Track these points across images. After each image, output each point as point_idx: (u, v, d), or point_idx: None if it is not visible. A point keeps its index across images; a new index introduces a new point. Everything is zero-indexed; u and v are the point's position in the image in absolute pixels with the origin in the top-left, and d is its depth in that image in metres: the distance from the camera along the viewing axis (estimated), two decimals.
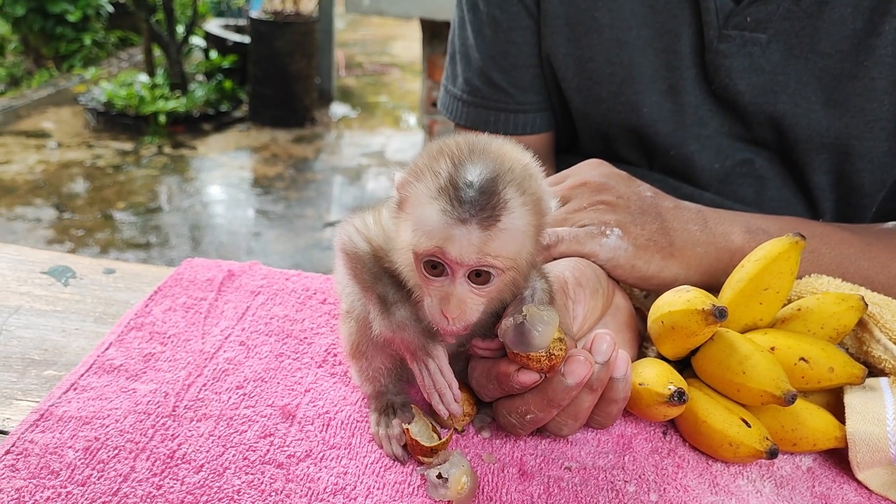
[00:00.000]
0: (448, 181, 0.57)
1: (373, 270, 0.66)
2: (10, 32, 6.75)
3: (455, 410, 0.66)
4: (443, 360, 0.66)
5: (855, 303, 0.74)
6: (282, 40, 5.78)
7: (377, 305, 0.66)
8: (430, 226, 0.57)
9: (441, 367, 0.66)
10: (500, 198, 0.57)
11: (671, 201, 0.87)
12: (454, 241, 0.57)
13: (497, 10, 1.10)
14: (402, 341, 0.66)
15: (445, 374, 0.66)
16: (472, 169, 0.58)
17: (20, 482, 0.63)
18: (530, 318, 0.62)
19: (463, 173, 0.57)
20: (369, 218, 0.68)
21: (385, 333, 0.66)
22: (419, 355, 0.66)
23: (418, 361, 0.67)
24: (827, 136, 0.98)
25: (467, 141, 0.61)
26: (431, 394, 0.66)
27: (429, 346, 0.66)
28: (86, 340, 0.84)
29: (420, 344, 0.66)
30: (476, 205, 0.56)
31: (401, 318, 0.65)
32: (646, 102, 1.04)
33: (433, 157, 0.60)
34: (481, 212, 0.56)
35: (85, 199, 4.56)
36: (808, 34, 0.95)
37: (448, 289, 0.60)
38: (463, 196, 0.56)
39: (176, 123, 5.64)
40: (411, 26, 7.65)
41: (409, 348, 0.66)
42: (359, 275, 0.67)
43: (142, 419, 0.71)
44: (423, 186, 0.58)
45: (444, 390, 0.66)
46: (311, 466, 0.67)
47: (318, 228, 4.38)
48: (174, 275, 0.96)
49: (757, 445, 0.68)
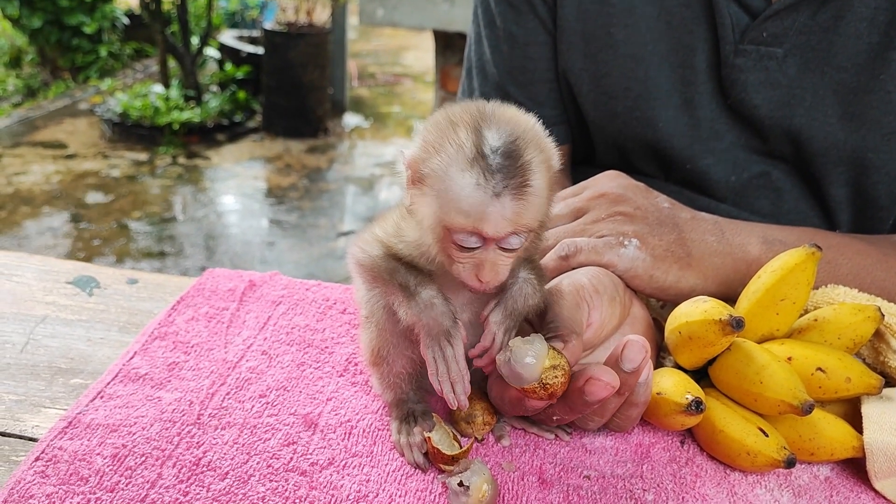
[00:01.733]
0: (474, 151, 0.58)
1: (388, 266, 0.67)
2: (27, 44, 6.83)
3: (463, 403, 0.66)
4: (459, 350, 0.66)
5: (872, 313, 0.75)
6: (295, 51, 5.82)
7: (400, 293, 0.66)
8: (464, 203, 0.58)
9: (457, 355, 0.65)
10: (525, 161, 0.58)
11: (688, 212, 0.88)
12: (490, 218, 0.58)
13: (513, 25, 1.11)
14: (427, 323, 0.65)
15: (460, 364, 0.65)
16: (494, 135, 0.59)
17: (50, 488, 0.65)
18: (515, 353, 0.63)
19: (488, 141, 0.58)
20: (376, 228, 0.70)
21: (411, 318, 0.66)
22: (440, 339, 0.65)
23: (436, 346, 0.65)
24: (843, 150, 0.98)
25: (476, 108, 0.61)
26: (444, 382, 0.65)
27: (452, 330, 0.65)
28: (111, 349, 0.86)
29: (444, 327, 0.65)
30: (507, 173, 0.58)
31: (427, 298, 0.65)
32: (661, 117, 1.04)
33: (447, 127, 0.60)
34: (512, 181, 0.58)
35: (100, 209, 4.60)
36: (825, 48, 0.96)
37: (481, 256, 0.61)
38: (493, 165, 0.57)
39: (190, 134, 5.68)
40: (424, 37, 7.69)
41: (432, 331, 0.65)
42: (376, 276, 0.68)
43: (167, 427, 0.72)
44: (447, 158, 0.59)
45: (458, 379, 0.65)
46: (334, 474, 0.68)
47: (331, 238, 4.40)
48: (196, 285, 0.97)
49: (774, 455, 0.68)
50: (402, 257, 0.67)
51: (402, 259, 0.67)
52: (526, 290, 0.67)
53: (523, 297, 0.67)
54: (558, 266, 0.80)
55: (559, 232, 0.84)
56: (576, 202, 0.87)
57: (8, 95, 6.50)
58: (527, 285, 0.67)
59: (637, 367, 0.65)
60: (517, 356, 0.63)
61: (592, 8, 1.05)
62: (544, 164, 0.60)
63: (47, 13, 6.39)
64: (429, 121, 0.63)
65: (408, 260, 0.67)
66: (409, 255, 0.66)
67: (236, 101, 6.15)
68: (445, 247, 0.62)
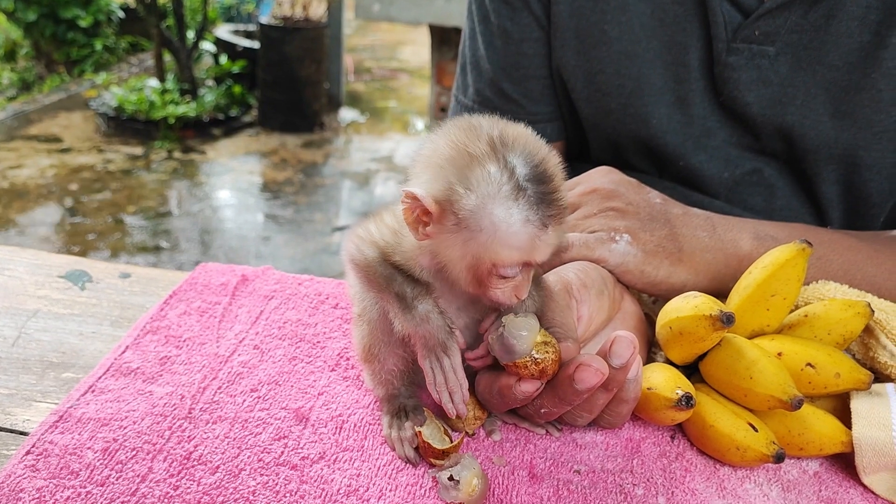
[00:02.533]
0: (512, 185, 0.58)
1: (385, 273, 0.67)
2: (22, 38, 6.81)
3: (462, 411, 0.67)
4: (457, 360, 0.67)
5: (861, 309, 0.75)
6: (291, 46, 5.81)
7: (396, 304, 0.67)
8: (515, 239, 0.59)
9: (455, 365, 0.67)
10: (556, 182, 0.60)
11: (680, 208, 0.88)
12: (541, 249, 0.60)
13: (508, 21, 1.11)
14: (423, 336, 0.66)
15: (458, 374, 0.67)
16: (521, 162, 0.59)
17: (41, 482, 0.65)
18: (509, 327, 0.64)
19: (518, 170, 0.58)
20: (371, 226, 0.69)
21: (407, 329, 0.67)
22: (437, 351, 0.67)
23: (434, 357, 0.67)
24: (835, 147, 0.98)
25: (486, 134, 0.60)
26: (442, 392, 0.67)
27: (448, 343, 0.66)
28: (103, 344, 0.86)
29: (440, 339, 0.66)
30: (547, 201, 0.59)
31: (423, 312, 0.66)
32: (654, 114, 1.05)
33: (471, 162, 0.59)
34: (553, 208, 0.59)
35: (96, 203, 4.59)
36: (816, 47, 0.96)
37: (521, 278, 0.63)
38: (533, 196, 0.58)
39: (186, 128, 5.67)
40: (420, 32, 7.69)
41: (428, 343, 0.67)
42: (371, 281, 0.68)
43: (158, 421, 0.72)
44: (485, 197, 0.58)
45: (456, 389, 0.67)
46: (325, 468, 0.68)
47: (326, 233, 4.40)
48: (189, 279, 0.97)
49: (764, 450, 0.69)
50: (397, 264, 0.67)
51: (397, 266, 0.67)
52: (526, 302, 0.68)
53: (523, 308, 0.67)
54: (549, 261, 0.80)
55: None
56: (568, 197, 0.87)
57: (3, 89, 6.48)
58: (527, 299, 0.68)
59: (625, 363, 0.65)
60: (510, 329, 0.64)
61: (586, 5, 1.05)
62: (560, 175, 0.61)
63: (42, 6, 6.37)
64: (435, 154, 0.62)
65: (402, 267, 0.67)
66: (407, 264, 0.67)
67: (232, 95, 6.14)
68: (483, 278, 0.62)
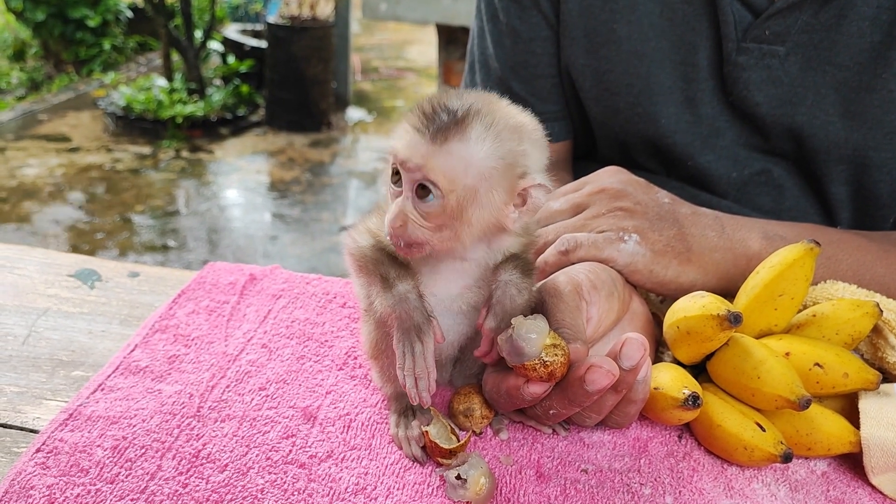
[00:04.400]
0: (430, 108, 0.63)
1: (374, 257, 0.68)
2: (31, 37, 6.83)
3: (425, 400, 0.67)
4: (429, 347, 0.66)
5: (870, 309, 0.75)
6: (298, 45, 5.81)
7: (379, 284, 0.67)
8: (397, 135, 0.64)
9: (426, 352, 0.66)
10: (462, 125, 0.62)
11: (689, 207, 0.88)
12: (405, 144, 0.63)
13: (517, 20, 1.11)
14: (399, 316, 0.67)
15: (428, 361, 0.66)
16: (454, 100, 0.63)
17: (51, 479, 0.65)
18: (518, 329, 0.64)
19: (443, 100, 0.63)
20: (368, 220, 0.71)
21: (385, 309, 0.67)
22: (410, 333, 0.66)
23: (405, 340, 0.67)
24: (845, 148, 0.98)
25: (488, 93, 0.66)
26: (408, 377, 0.66)
27: (423, 327, 0.66)
28: (112, 342, 0.86)
29: (415, 321, 0.66)
30: (435, 121, 0.62)
31: (402, 291, 0.66)
32: (663, 114, 1.05)
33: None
34: (437, 128, 0.62)
35: (104, 202, 4.61)
36: (827, 47, 0.96)
37: (400, 202, 0.64)
38: (428, 113, 0.62)
39: (193, 127, 5.68)
40: (427, 31, 7.68)
41: (404, 324, 0.67)
42: (362, 267, 0.69)
43: (167, 419, 0.73)
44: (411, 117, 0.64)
45: (423, 376, 0.66)
46: (333, 467, 0.69)
47: (334, 232, 4.40)
48: (197, 278, 0.97)
49: (771, 449, 0.69)
50: (389, 249, 0.68)
51: (389, 251, 0.68)
52: (510, 291, 0.68)
53: (509, 299, 0.68)
54: (558, 261, 0.80)
55: (559, 227, 0.84)
56: (576, 197, 0.87)
57: (12, 88, 6.51)
58: (509, 287, 0.68)
59: (635, 365, 0.65)
60: (519, 331, 0.64)
61: (595, 4, 1.05)
62: (489, 149, 0.62)
63: (51, 6, 6.39)
64: None
65: (393, 252, 0.68)
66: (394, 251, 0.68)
67: (239, 94, 6.15)
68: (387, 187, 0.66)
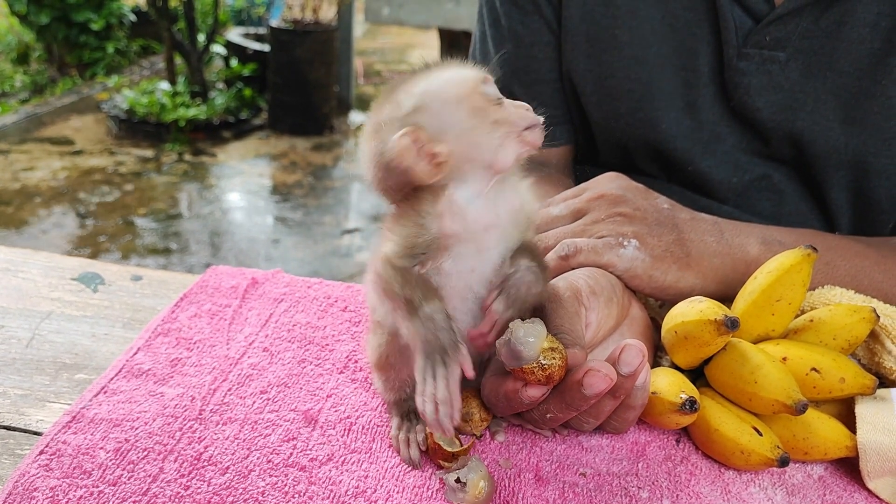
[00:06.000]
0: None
1: (398, 278, 0.65)
2: (35, 41, 6.85)
3: (447, 428, 0.62)
4: (455, 373, 0.62)
5: (867, 314, 0.76)
6: (301, 49, 5.82)
7: (404, 307, 0.64)
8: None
9: (450, 378, 0.62)
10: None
11: (688, 213, 0.88)
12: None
13: (518, 25, 1.12)
14: (424, 338, 0.63)
15: (451, 387, 0.62)
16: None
17: (54, 481, 0.66)
18: (516, 333, 0.64)
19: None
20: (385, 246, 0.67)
21: (411, 333, 0.64)
22: (435, 357, 0.62)
23: (430, 364, 0.62)
24: (845, 154, 0.99)
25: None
26: (428, 403, 0.62)
27: (450, 350, 0.62)
28: (115, 345, 0.87)
29: (442, 343, 0.62)
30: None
31: (429, 312, 0.63)
32: (664, 119, 1.05)
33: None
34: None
35: (107, 205, 4.62)
36: (827, 53, 0.96)
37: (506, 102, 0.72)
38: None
39: (196, 131, 5.69)
40: (429, 35, 7.69)
41: (429, 347, 0.63)
42: (387, 291, 0.66)
43: (169, 422, 0.73)
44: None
45: (446, 402, 0.62)
46: (333, 470, 0.69)
47: (336, 236, 4.41)
48: (199, 282, 0.98)
49: (768, 454, 0.69)
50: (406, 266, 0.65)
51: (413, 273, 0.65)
52: (528, 277, 0.66)
53: (526, 286, 0.66)
54: (558, 266, 0.81)
55: (559, 233, 0.85)
56: (576, 203, 0.87)
57: (15, 92, 6.52)
58: (529, 273, 0.66)
59: (634, 371, 0.65)
60: (517, 335, 0.63)
61: (597, 9, 1.06)
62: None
63: (55, 10, 6.40)
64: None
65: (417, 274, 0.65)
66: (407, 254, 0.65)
67: (242, 98, 6.16)
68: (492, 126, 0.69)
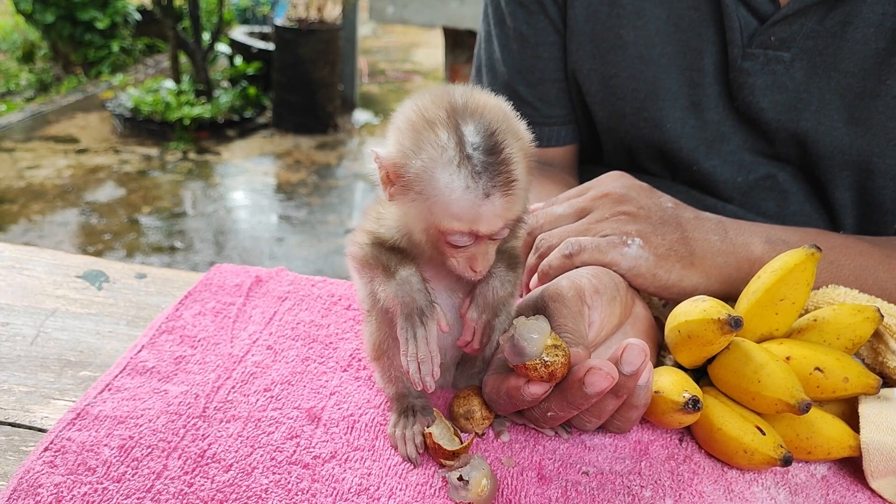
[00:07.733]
0: (457, 152, 0.59)
1: (374, 251, 0.69)
2: (40, 39, 6.86)
3: (429, 384, 0.67)
4: (432, 331, 0.67)
5: (871, 314, 0.76)
6: (306, 48, 5.82)
7: (381, 274, 0.68)
8: (455, 208, 0.60)
9: (429, 336, 0.67)
10: (507, 154, 0.60)
11: (692, 212, 0.88)
12: (483, 219, 0.60)
13: (524, 25, 1.12)
14: (402, 301, 0.67)
15: (431, 345, 0.67)
16: (472, 131, 0.60)
17: (58, 478, 0.66)
18: (520, 329, 0.65)
19: (468, 139, 0.59)
20: (364, 223, 0.71)
21: (389, 296, 0.67)
22: (414, 318, 0.67)
23: (408, 325, 0.67)
24: (849, 154, 0.99)
25: (447, 101, 0.61)
26: (411, 362, 0.66)
27: (427, 310, 0.67)
28: (119, 343, 0.87)
29: (418, 304, 0.67)
30: (493, 171, 0.59)
31: (405, 275, 0.67)
32: (669, 118, 1.05)
33: (423, 127, 0.60)
34: (499, 178, 0.59)
35: (111, 203, 4.62)
36: (832, 53, 0.96)
37: (473, 250, 0.64)
38: (478, 165, 0.59)
39: (201, 129, 5.70)
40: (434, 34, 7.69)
41: (407, 309, 0.67)
42: (364, 263, 0.69)
43: (173, 419, 0.74)
44: (430, 163, 0.60)
45: (426, 360, 0.67)
46: (336, 467, 0.69)
47: (340, 234, 4.41)
48: (203, 280, 0.98)
49: (771, 453, 0.69)
50: (386, 241, 0.69)
51: (387, 243, 0.69)
52: (493, 283, 0.70)
53: (492, 291, 0.70)
54: (562, 264, 0.81)
55: (563, 231, 0.85)
56: (580, 202, 0.88)
57: (21, 90, 6.54)
58: (493, 280, 0.70)
59: (636, 370, 0.65)
60: (521, 332, 0.65)
61: (602, 9, 1.06)
62: (522, 152, 0.62)
63: (60, 8, 6.41)
64: (401, 118, 0.63)
65: (392, 243, 0.69)
66: (392, 237, 0.68)
67: (247, 97, 6.17)
68: (438, 245, 0.64)
